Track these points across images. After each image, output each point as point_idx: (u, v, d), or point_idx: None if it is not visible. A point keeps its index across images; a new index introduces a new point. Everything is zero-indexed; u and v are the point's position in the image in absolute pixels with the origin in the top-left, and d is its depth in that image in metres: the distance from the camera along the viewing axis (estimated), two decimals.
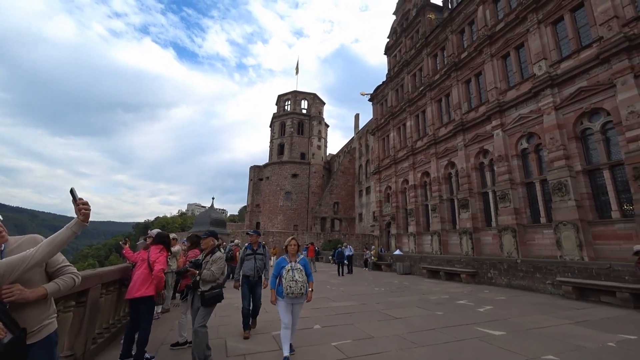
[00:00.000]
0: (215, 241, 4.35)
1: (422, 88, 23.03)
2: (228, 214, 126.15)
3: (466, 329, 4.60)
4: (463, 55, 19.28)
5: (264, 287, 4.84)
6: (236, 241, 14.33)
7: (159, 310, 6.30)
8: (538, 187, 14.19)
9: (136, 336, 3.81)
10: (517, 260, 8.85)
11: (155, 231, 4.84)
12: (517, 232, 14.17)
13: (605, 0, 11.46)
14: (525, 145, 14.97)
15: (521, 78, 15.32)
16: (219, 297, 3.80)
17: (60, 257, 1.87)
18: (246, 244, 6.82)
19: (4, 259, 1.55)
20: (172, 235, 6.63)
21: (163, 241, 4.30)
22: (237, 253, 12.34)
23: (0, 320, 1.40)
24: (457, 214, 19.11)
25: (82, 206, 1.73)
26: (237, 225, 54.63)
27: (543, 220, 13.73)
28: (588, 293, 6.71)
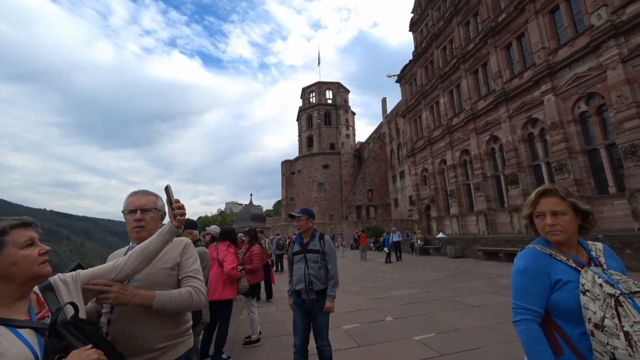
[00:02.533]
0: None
1: (454, 61, 21.48)
2: (264, 210, 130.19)
3: None
4: (501, 18, 17.55)
5: (331, 312, 2.92)
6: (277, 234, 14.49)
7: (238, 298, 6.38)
8: (604, 153, 12.66)
9: (214, 337, 3.85)
10: (598, 235, 7.91)
11: (214, 227, 4.51)
12: None
13: None
14: (584, 108, 13.37)
15: (574, 33, 13.60)
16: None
17: (191, 264, 1.55)
18: (294, 236, 6.26)
19: (89, 269, 1.33)
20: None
21: (229, 237, 4.10)
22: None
23: (96, 345, 0.99)
24: (504, 191, 17.81)
25: (177, 211, 1.44)
26: (274, 219, 56.04)
27: (613, 190, 12.27)
28: None
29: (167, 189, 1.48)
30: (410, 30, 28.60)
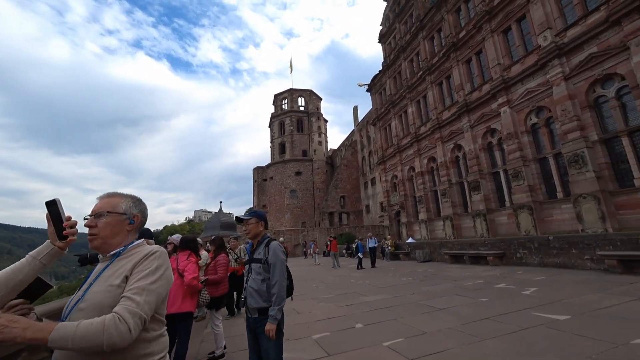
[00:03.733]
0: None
1: (420, 73, 22.60)
2: (234, 217, 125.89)
3: (524, 316, 4.30)
4: (461, 35, 18.82)
5: (271, 336, 2.33)
6: (280, 239, 14.06)
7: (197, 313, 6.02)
8: (552, 161, 13.86)
9: (172, 353, 3.58)
10: (549, 237, 8.57)
11: (177, 236, 4.33)
12: (533, 209, 13.89)
13: None
14: (534, 120, 14.61)
15: (525, 51, 14.91)
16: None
17: (139, 279, 1.17)
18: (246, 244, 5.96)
19: None
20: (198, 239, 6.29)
21: (189, 245, 3.89)
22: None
23: None
24: (468, 197, 18.83)
25: (69, 230, 1.20)
26: None
27: (560, 195, 13.43)
28: (634, 265, 6.43)
29: (54, 204, 1.21)
30: (379, 42, 29.72)
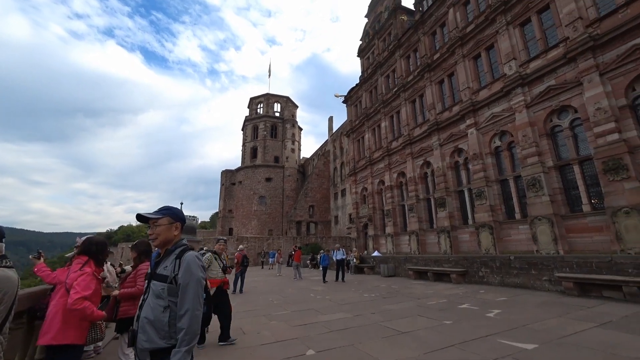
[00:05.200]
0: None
1: (396, 89, 23.16)
2: (199, 221, 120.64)
3: (490, 343, 4.01)
4: (436, 57, 19.57)
5: None
6: (241, 246, 12.91)
7: (99, 344, 4.61)
8: (512, 183, 14.52)
9: None
10: (510, 257, 8.68)
11: (85, 238, 3.15)
12: (493, 228, 14.37)
13: (569, 2, 11.97)
14: (498, 143, 15.32)
15: (492, 78, 15.73)
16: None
17: None
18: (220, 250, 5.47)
19: None
20: (131, 245, 5.38)
21: (89, 250, 2.80)
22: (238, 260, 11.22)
23: None
24: (434, 213, 19.23)
25: None
26: (209, 232, 51.97)
27: (518, 216, 14.04)
28: (589, 288, 6.58)
29: None
30: (358, 56, 30.26)
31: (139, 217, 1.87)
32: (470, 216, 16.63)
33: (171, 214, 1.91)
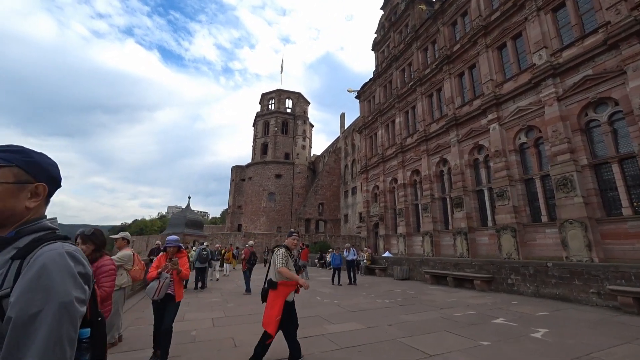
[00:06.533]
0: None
1: (411, 83, 22.12)
2: (210, 217, 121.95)
3: None
4: (455, 48, 18.46)
5: None
6: (250, 242, 11.83)
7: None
8: (538, 183, 13.38)
9: None
10: (547, 263, 7.69)
11: None
12: (517, 231, 13.29)
13: None
14: (524, 139, 14.18)
15: (519, 69, 14.57)
16: None
17: None
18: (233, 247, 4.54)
19: None
20: (121, 234, 4.82)
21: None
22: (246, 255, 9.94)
23: None
24: (450, 214, 18.20)
25: None
26: (218, 227, 52.02)
27: (545, 218, 12.92)
28: None
29: None
30: (372, 50, 29.27)
31: None
32: (490, 217, 15.55)
33: (22, 163, 0.91)
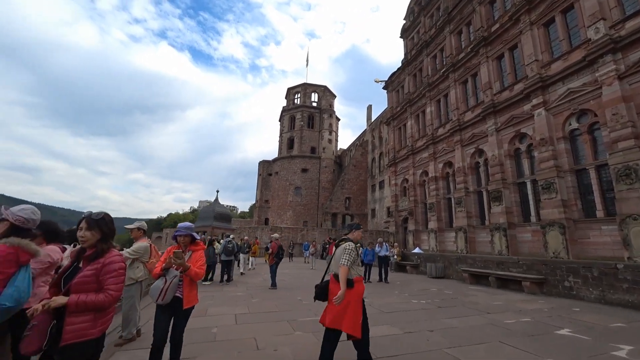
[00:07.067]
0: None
1: (444, 70, 20.75)
2: (239, 211, 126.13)
3: None
4: (494, 28, 16.93)
5: None
6: (275, 235, 11.38)
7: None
8: (593, 174, 11.89)
9: None
10: (616, 264, 6.68)
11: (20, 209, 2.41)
12: (566, 228, 11.94)
13: None
14: (575, 125, 12.66)
15: (570, 46, 12.97)
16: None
17: None
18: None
19: None
20: (136, 224, 4.48)
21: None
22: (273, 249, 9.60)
23: None
24: (486, 208, 16.94)
25: None
26: (246, 221, 53.43)
27: (600, 214, 11.46)
28: None
29: None
30: (401, 37, 27.94)
31: None
32: (534, 212, 14.18)
33: None
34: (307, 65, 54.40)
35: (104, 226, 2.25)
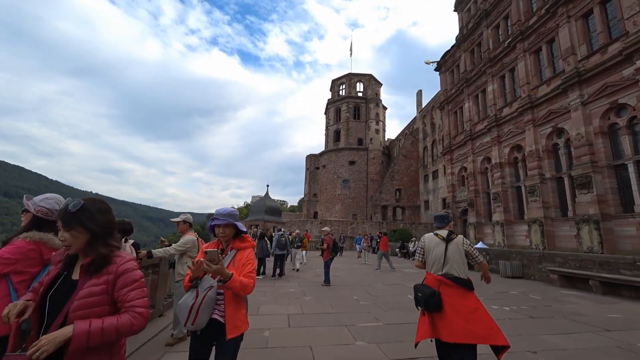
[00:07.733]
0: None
1: (509, 40, 18.10)
2: (289, 205, 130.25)
3: None
4: None
5: None
6: (326, 228, 10.94)
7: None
8: None
9: None
10: None
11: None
12: None
13: None
14: None
15: None
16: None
17: None
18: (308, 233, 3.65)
19: None
20: (182, 217, 4.23)
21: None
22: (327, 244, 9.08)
23: None
24: (569, 197, 14.44)
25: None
26: (295, 214, 54.72)
27: None
28: None
29: None
30: (455, 10, 25.25)
31: None
32: (637, 202, 11.57)
33: None
34: (350, 55, 53.01)
35: (87, 221, 1.39)
